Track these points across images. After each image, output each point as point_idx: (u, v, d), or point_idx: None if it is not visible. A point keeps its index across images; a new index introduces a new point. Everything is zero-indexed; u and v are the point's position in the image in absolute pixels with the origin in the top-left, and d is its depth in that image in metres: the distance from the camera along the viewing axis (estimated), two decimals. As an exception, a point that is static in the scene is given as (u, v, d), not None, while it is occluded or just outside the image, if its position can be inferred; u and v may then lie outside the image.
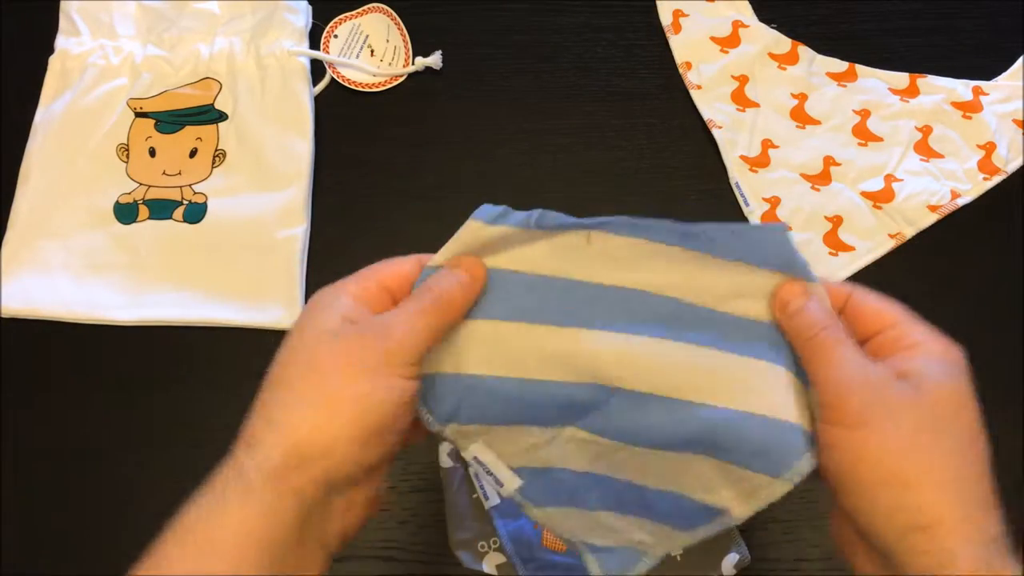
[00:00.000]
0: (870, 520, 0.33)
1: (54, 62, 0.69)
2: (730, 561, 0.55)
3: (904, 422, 0.33)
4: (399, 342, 0.35)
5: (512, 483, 0.40)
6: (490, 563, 0.55)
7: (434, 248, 0.40)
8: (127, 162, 0.67)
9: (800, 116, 0.69)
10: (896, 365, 0.35)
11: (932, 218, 0.66)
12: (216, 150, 0.68)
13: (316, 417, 0.33)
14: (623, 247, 0.38)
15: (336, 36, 0.72)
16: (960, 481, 0.33)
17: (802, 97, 0.70)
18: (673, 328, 0.38)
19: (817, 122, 0.69)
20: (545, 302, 0.39)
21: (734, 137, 0.68)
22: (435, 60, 0.71)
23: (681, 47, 0.72)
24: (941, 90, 0.70)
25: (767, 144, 0.68)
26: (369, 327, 0.35)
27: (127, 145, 0.68)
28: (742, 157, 0.68)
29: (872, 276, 0.65)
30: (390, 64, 0.71)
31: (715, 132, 0.68)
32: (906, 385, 0.34)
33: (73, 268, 0.64)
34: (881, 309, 0.37)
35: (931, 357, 0.35)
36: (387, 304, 0.38)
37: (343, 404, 0.34)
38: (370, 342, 0.35)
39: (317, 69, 0.71)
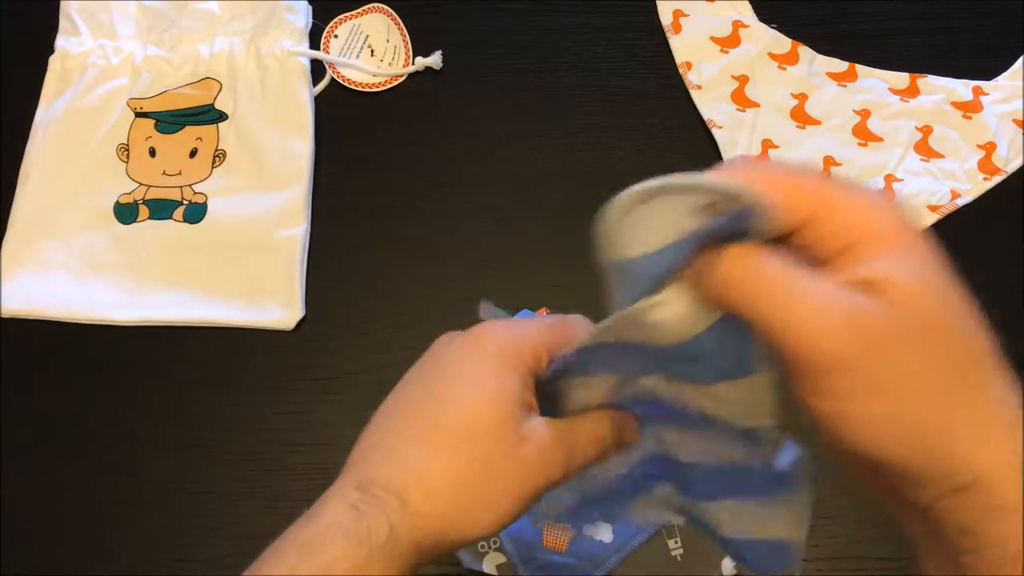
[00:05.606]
0: (903, 485, 0.28)
1: (54, 62, 0.69)
2: (730, 561, 0.55)
3: (891, 355, 0.27)
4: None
5: None
6: (490, 563, 0.55)
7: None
8: (127, 162, 0.67)
9: (800, 116, 0.69)
10: (859, 272, 0.28)
11: (932, 218, 0.66)
12: (216, 150, 0.68)
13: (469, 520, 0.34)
14: None
15: (336, 36, 0.72)
16: (971, 398, 0.28)
17: (802, 97, 0.70)
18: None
19: (817, 122, 0.69)
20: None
21: (734, 137, 0.68)
22: (435, 60, 0.71)
23: (681, 47, 0.72)
24: (941, 90, 0.70)
25: (767, 144, 0.68)
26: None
27: (127, 145, 0.68)
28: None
29: (872, 276, 0.65)
30: (390, 64, 0.71)
31: (715, 132, 0.68)
32: (876, 304, 0.27)
33: (73, 268, 0.64)
34: (859, 215, 0.29)
35: (895, 252, 0.29)
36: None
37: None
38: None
39: (317, 69, 0.71)
